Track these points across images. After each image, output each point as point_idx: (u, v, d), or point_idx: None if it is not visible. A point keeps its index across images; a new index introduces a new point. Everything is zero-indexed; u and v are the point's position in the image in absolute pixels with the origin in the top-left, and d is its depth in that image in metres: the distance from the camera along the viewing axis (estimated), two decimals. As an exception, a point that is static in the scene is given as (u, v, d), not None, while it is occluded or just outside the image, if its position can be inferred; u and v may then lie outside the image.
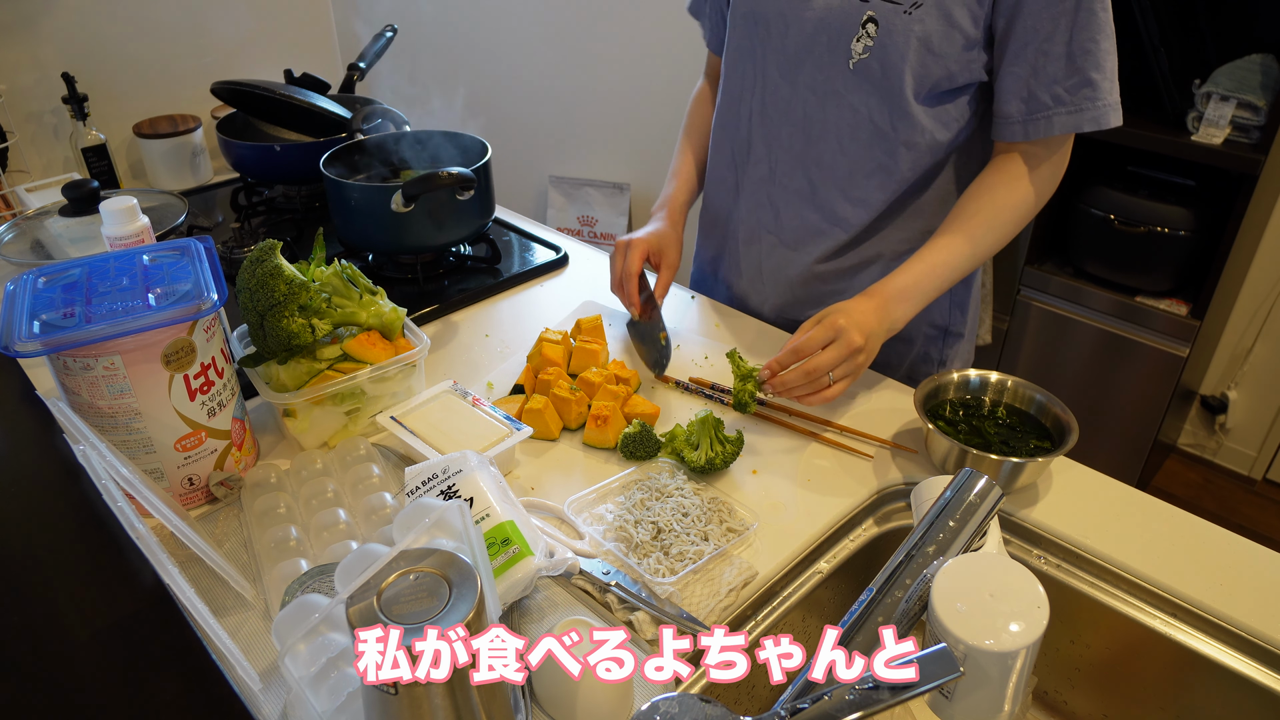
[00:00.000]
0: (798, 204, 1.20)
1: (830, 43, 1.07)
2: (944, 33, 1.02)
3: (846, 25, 1.05)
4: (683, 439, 1.00)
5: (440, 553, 0.63)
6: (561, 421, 1.06)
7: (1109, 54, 1.01)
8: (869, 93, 1.08)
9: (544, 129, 2.99)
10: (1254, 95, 1.98)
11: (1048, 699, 0.96)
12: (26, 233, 1.41)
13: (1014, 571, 0.69)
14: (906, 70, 1.04)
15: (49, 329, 0.81)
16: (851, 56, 1.06)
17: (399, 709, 0.59)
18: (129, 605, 0.84)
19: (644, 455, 1.01)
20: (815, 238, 1.21)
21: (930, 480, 0.88)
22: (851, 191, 1.16)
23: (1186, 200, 2.14)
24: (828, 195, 1.17)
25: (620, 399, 1.07)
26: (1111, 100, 1.03)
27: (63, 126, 1.77)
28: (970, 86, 1.08)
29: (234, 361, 0.99)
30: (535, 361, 1.15)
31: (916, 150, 1.11)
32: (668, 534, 0.88)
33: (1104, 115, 1.02)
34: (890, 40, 1.03)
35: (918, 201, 1.17)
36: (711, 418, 0.99)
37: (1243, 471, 2.65)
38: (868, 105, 1.09)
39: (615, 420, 1.03)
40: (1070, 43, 1.00)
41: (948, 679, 0.58)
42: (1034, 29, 1.00)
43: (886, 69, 1.05)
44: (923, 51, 1.03)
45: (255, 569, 0.85)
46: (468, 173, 1.25)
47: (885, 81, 1.06)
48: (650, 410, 1.08)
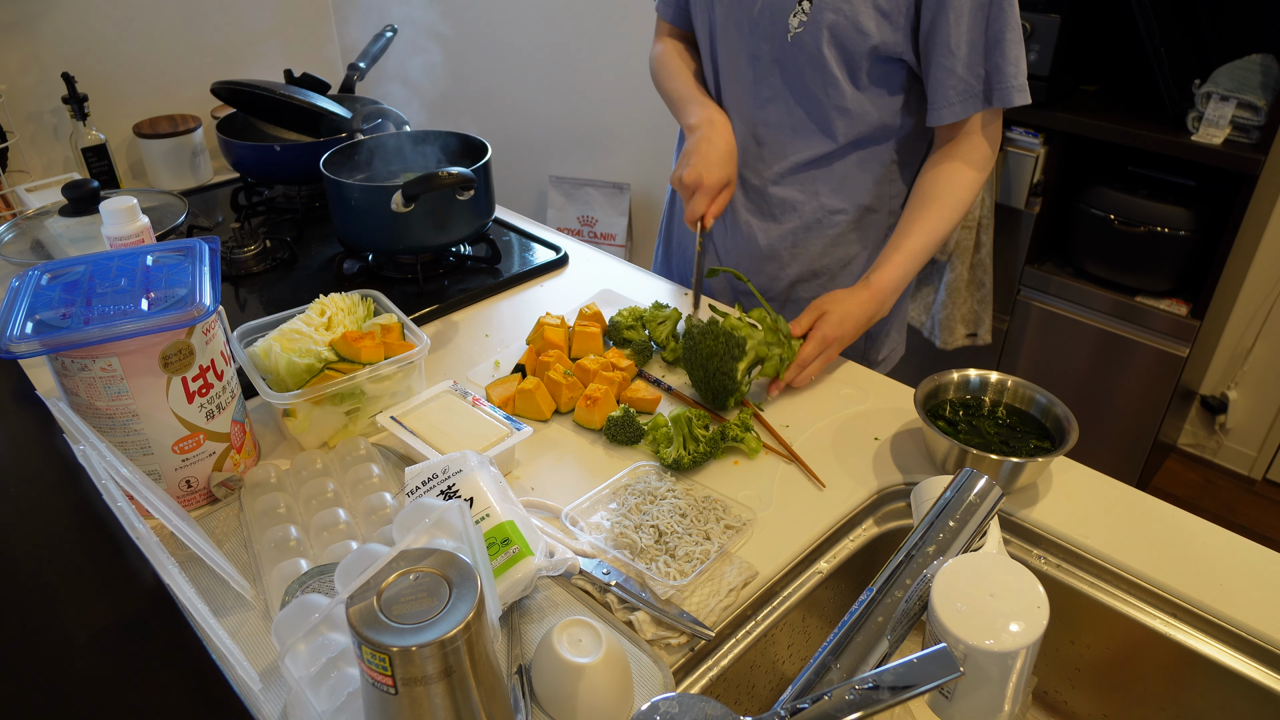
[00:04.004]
0: (747, 162, 1.33)
1: (773, 17, 1.20)
2: (871, 15, 1.14)
3: (785, 3, 1.18)
4: (662, 433, 1.01)
5: (440, 553, 0.63)
6: (554, 403, 1.09)
7: (1015, 43, 1.15)
8: (805, 63, 1.20)
9: (544, 129, 2.99)
10: (1254, 95, 1.98)
11: (1048, 699, 0.96)
12: (26, 233, 1.41)
13: (1014, 571, 0.69)
14: (835, 45, 1.17)
15: (44, 329, 0.81)
16: (789, 30, 1.19)
17: (399, 709, 0.59)
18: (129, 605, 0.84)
19: (625, 440, 1.03)
20: (760, 199, 1.33)
21: (930, 480, 0.88)
22: (793, 153, 1.29)
23: (1186, 200, 2.14)
24: (773, 153, 1.30)
25: (615, 384, 1.09)
26: (1018, 83, 1.17)
27: (63, 126, 1.77)
28: (896, 65, 1.20)
29: (234, 363, 0.99)
30: (537, 344, 1.18)
31: (849, 117, 1.24)
32: (670, 536, 0.88)
33: (1010, 95, 1.17)
34: (821, 17, 1.16)
35: (851, 174, 1.30)
36: (686, 415, 1.00)
37: (1243, 471, 2.65)
38: (803, 74, 1.22)
39: (605, 403, 1.06)
40: (987, 34, 1.14)
41: (948, 679, 0.58)
42: (956, 24, 1.13)
43: (818, 42, 1.17)
44: (850, 29, 1.15)
45: (255, 569, 0.85)
46: (468, 173, 1.25)
47: (818, 53, 1.18)
48: (651, 397, 1.10)
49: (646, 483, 0.96)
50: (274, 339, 1.04)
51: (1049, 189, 2.30)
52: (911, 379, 1.09)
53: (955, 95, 1.18)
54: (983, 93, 1.17)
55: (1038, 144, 2.24)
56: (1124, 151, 2.22)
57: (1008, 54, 1.15)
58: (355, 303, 1.13)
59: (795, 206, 1.32)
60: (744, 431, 1.02)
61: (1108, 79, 2.41)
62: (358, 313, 1.12)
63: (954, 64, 1.15)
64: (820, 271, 1.36)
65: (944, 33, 1.14)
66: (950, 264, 2.33)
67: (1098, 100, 2.29)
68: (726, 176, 1.26)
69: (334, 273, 1.43)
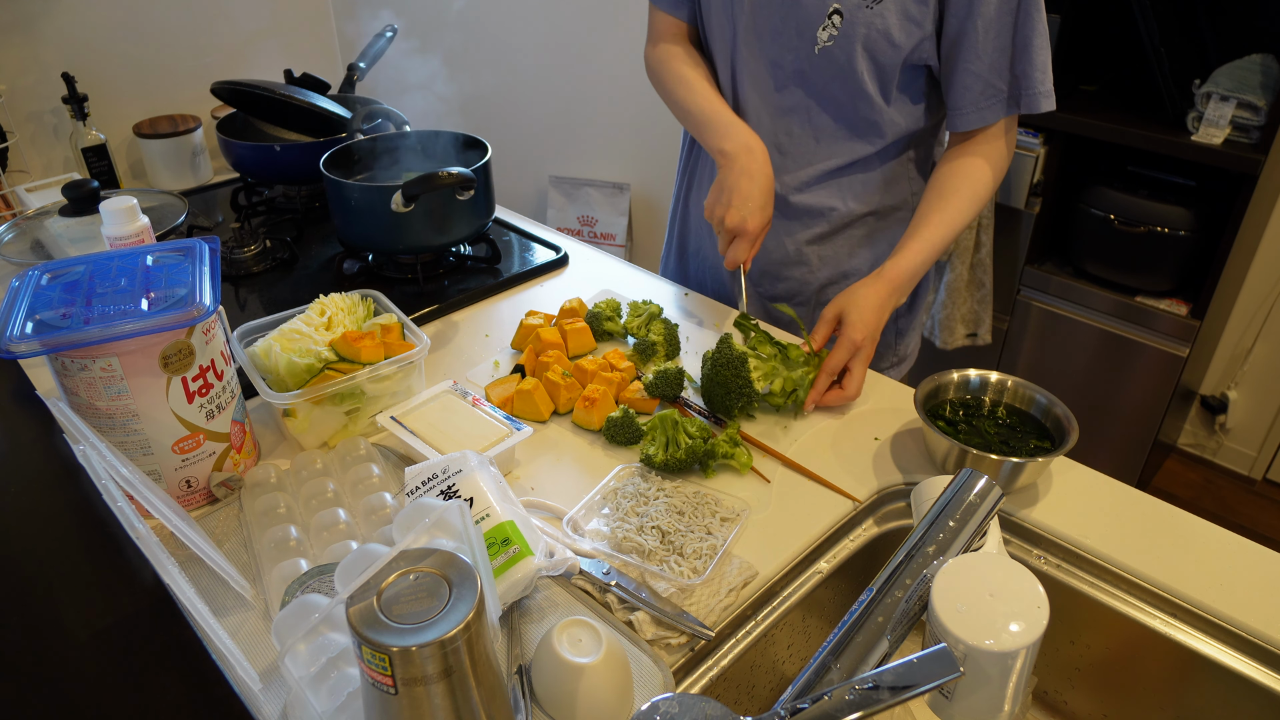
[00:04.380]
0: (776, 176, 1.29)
1: (799, 29, 1.18)
2: (902, 26, 1.13)
3: (814, 14, 1.16)
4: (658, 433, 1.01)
5: (440, 553, 0.63)
6: (552, 404, 1.09)
7: (1042, 49, 1.14)
8: (832, 76, 1.19)
9: (544, 129, 2.99)
10: (1254, 95, 1.98)
11: (1048, 699, 0.96)
12: (26, 233, 1.41)
13: (1014, 572, 0.69)
14: (868, 58, 1.16)
15: (43, 329, 0.81)
16: (817, 43, 1.17)
17: (399, 709, 0.59)
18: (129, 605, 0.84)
19: (624, 441, 1.03)
20: (783, 206, 1.31)
21: (931, 480, 0.88)
22: (818, 161, 1.28)
23: (1186, 200, 2.14)
24: (795, 162, 1.29)
25: (614, 385, 1.09)
26: (1045, 89, 1.16)
27: (63, 126, 1.77)
28: (920, 70, 1.20)
29: (234, 363, 0.99)
30: (534, 344, 1.18)
31: (876, 126, 1.23)
32: (674, 535, 0.88)
33: (1037, 100, 1.16)
34: (853, 30, 1.14)
35: (874, 177, 1.29)
36: (672, 416, 0.99)
37: (1243, 471, 2.65)
38: (830, 87, 1.20)
39: (604, 403, 1.06)
40: (1015, 39, 1.13)
41: (948, 679, 0.58)
42: (985, 30, 1.12)
43: (851, 56, 1.16)
44: (882, 43, 1.14)
45: (255, 569, 0.85)
46: (468, 173, 1.25)
47: (849, 66, 1.17)
48: (649, 398, 1.09)
49: (635, 485, 0.96)
50: (274, 339, 1.04)
51: (1049, 189, 2.30)
52: (912, 379, 1.09)
53: (982, 100, 1.17)
54: (1009, 98, 1.17)
55: (1038, 144, 2.24)
56: (1124, 151, 2.22)
57: (1035, 59, 1.13)
58: (355, 303, 1.13)
59: (821, 212, 1.31)
60: (733, 447, 0.99)
61: (1108, 79, 2.41)
62: (358, 313, 1.12)
63: (980, 69, 1.14)
64: (850, 273, 1.35)
65: (971, 38, 1.12)
66: (950, 264, 2.33)
67: (1098, 100, 2.29)
68: (768, 219, 1.20)
69: (334, 273, 1.43)
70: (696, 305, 1.36)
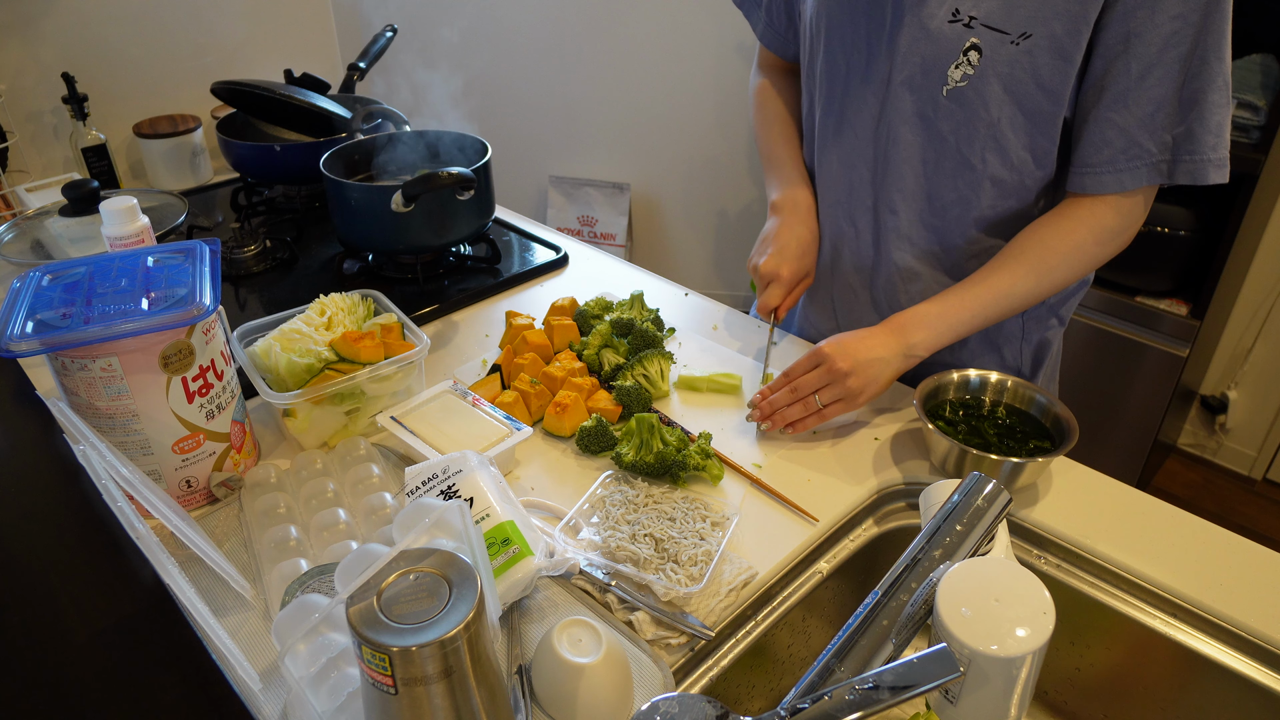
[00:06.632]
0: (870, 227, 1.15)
1: (925, 67, 1.00)
2: (1054, 66, 0.95)
3: (946, 51, 0.98)
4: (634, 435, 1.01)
5: (440, 553, 0.63)
6: (530, 416, 1.09)
7: (1219, 106, 0.92)
8: (961, 122, 1.02)
9: (544, 129, 2.99)
10: (1254, 95, 1.98)
11: (1048, 699, 0.96)
12: (26, 233, 1.41)
13: (1020, 576, 0.69)
14: (1008, 103, 0.98)
15: (44, 328, 0.81)
16: (947, 84, 1.00)
17: (399, 709, 0.59)
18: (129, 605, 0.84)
19: (597, 449, 1.02)
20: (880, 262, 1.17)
21: (940, 484, 0.87)
22: (927, 219, 1.10)
23: (1186, 200, 2.14)
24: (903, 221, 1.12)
25: (585, 391, 1.09)
26: (1217, 157, 0.94)
27: (63, 126, 1.77)
28: (1057, 121, 1.00)
29: (234, 363, 0.99)
30: (516, 344, 1.17)
31: (1002, 187, 1.05)
32: (668, 542, 0.87)
33: (1205, 171, 0.94)
34: (993, 70, 0.96)
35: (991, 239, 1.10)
36: (649, 419, 0.99)
37: (1243, 471, 2.65)
38: (956, 135, 1.03)
39: (575, 410, 1.05)
40: (1183, 91, 0.92)
41: (948, 679, 0.57)
42: (1142, 75, 0.92)
43: (987, 100, 0.98)
44: (1029, 84, 0.96)
45: (255, 569, 0.85)
46: (468, 173, 1.25)
47: (983, 112, 1.00)
48: (614, 407, 1.08)
49: (623, 492, 0.94)
50: (274, 339, 1.04)
51: (1049, 189, 2.30)
52: (911, 379, 1.09)
53: (1121, 160, 0.96)
54: (1164, 164, 0.95)
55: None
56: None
57: (1208, 120, 0.92)
58: (355, 303, 1.13)
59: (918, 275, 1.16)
60: (704, 459, 0.97)
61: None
62: (358, 313, 1.12)
63: (1126, 121, 0.94)
64: None
65: (1121, 82, 0.93)
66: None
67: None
68: (805, 270, 1.16)
69: (334, 273, 1.43)
70: (697, 305, 1.36)
